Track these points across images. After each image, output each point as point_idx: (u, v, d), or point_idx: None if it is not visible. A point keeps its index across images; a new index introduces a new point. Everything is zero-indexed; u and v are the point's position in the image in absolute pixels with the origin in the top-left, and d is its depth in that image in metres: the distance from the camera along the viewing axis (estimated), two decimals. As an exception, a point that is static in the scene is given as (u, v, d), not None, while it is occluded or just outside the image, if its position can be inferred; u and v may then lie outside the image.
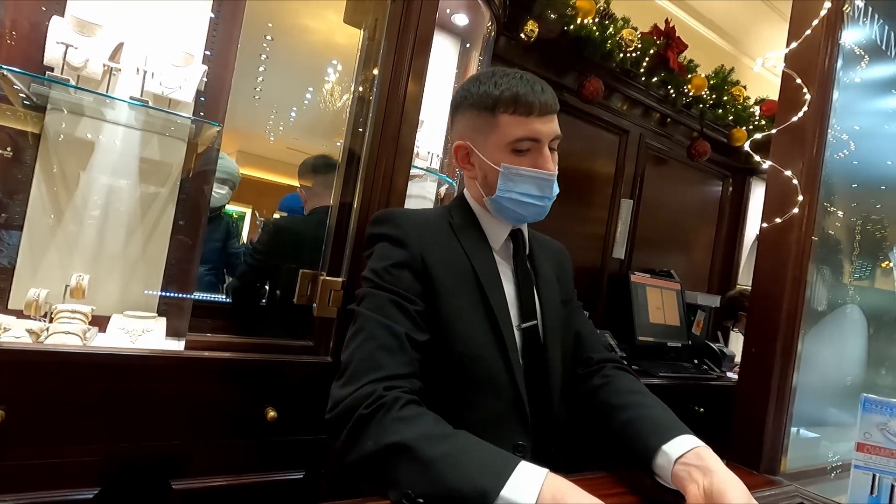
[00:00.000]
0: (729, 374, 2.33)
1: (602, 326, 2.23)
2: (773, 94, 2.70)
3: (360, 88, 1.66)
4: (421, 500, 0.55)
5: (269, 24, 1.71)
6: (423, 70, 1.37)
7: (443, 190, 1.83)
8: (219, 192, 1.51)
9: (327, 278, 1.25)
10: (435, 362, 0.74)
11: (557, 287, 0.92)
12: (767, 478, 0.87)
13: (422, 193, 1.80)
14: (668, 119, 2.53)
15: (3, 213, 1.22)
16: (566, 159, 2.29)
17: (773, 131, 0.93)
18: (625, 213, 2.46)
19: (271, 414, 1.14)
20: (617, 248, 2.44)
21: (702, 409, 2.13)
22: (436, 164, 1.73)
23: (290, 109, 1.84)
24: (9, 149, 1.22)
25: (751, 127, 2.63)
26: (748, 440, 0.90)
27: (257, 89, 1.73)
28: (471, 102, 0.83)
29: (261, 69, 1.70)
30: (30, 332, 1.08)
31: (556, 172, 0.83)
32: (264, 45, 1.70)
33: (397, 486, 0.57)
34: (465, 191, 0.91)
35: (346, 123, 1.66)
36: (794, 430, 0.95)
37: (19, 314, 1.16)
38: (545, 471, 0.56)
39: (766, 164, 0.93)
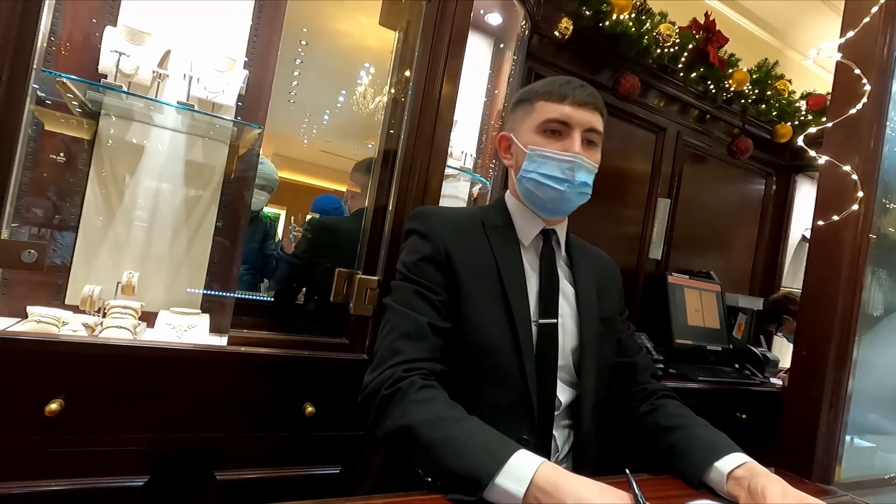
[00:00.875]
0: (773, 380, 2.24)
1: (638, 329, 2.18)
2: (820, 88, 2.59)
3: (394, 90, 1.67)
4: (429, 479, 0.60)
5: (305, 29, 1.74)
6: (457, 70, 1.38)
7: (476, 189, 1.83)
8: (258, 197, 1.55)
9: (363, 277, 1.27)
10: (453, 350, 0.77)
11: (596, 299, 0.90)
12: (821, 487, 0.83)
13: (455, 193, 1.80)
14: (708, 115, 2.45)
15: (58, 215, 1.29)
16: (601, 158, 2.26)
17: (829, 125, 0.89)
18: (661, 212, 2.40)
19: (309, 409, 1.17)
20: (653, 248, 2.38)
21: (744, 416, 2.05)
22: (469, 164, 1.73)
23: (324, 112, 1.87)
24: (62, 154, 1.28)
25: (797, 122, 2.52)
26: (799, 448, 0.86)
27: (292, 93, 1.77)
28: (518, 100, 0.89)
29: (295, 73, 1.75)
30: (85, 325, 1.14)
31: (588, 165, 0.83)
32: (299, 49, 1.74)
33: (410, 463, 0.63)
34: (507, 192, 0.94)
35: (381, 125, 1.68)
36: (848, 438, 0.90)
37: (76, 309, 1.22)
38: (542, 460, 0.57)
39: (822, 160, 0.89)
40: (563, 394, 0.83)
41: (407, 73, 1.52)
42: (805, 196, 2.88)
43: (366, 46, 1.85)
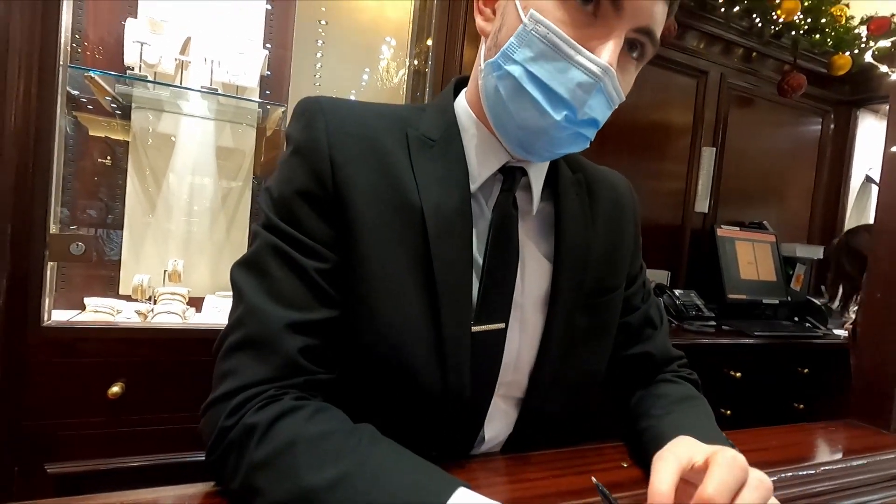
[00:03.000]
0: (837, 332, 2.10)
1: (687, 286, 2.09)
2: (883, 10, 2.33)
3: (416, 62, 1.63)
4: None
5: (323, 8, 1.72)
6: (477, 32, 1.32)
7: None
8: None
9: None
10: (347, 339, 0.49)
11: (584, 279, 0.57)
12: (900, 438, 0.77)
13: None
14: (754, 53, 2.26)
15: (108, 213, 1.35)
16: (635, 112, 2.15)
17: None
18: (707, 163, 2.26)
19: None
20: (699, 201, 2.25)
21: (806, 371, 1.95)
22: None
23: (350, 92, 1.85)
24: (108, 157, 1.33)
25: (857, 51, 2.29)
26: (874, 397, 0.79)
27: (317, 76, 1.76)
28: None
29: (318, 55, 1.73)
30: (138, 313, 1.19)
31: (613, 92, 0.48)
32: (319, 30, 1.72)
33: None
34: (464, 90, 0.58)
35: (404, 99, 1.65)
36: (929, 385, 0.83)
37: (128, 298, 1.28)
38: None
39: (894, 76, 0.79)
40: (498, 423, 0.57)
41: (428, 43, 1.47)
42: (868, 132, 2.64)
43: (385, 19, 1.80)
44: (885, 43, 1.07)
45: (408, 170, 0.50)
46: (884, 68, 0.88)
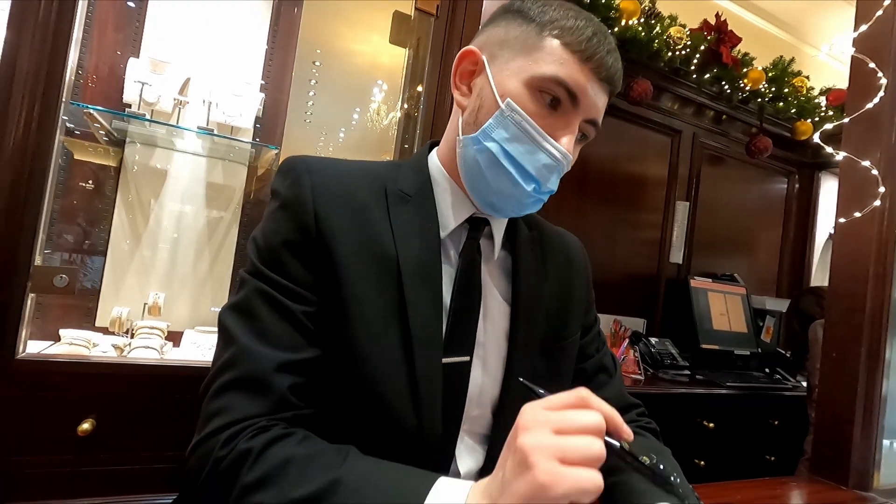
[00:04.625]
0: (805, 384, 2.16)
1: (661, 335, 2.14)
2: (840, 83, 2.53)
3: (406, 106, 1.70)
4: None
5: (318, 51, 1.79)
6: (467, 82, 1.40)
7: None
8: None
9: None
10: (329, 375, 0.53)
11: (543, 323, 0.63)
12: (859, 494, 0.80)
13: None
14: (724, 116, 2.42)
15: (88, 240, 1.35)
16: (614, 163, 2.26)
17: (846, 120, 0.87)
18: (681, 215, 2.37)
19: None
20: (674, 252, 2.34)
21: (776, 422, 1.99)
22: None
23: (339, 130, 1.91)
24: (91, 182, 1.34)
25: (817, 119, 2.46)
26: (833, 454, 0.83)
27: (308, 113, 1.81)
28: (517, 9, 0.58)
29: (311, 94, 1.79)
30: (115, 346, 1.17)
31: (566, 169, 0.58)
32: (313, 70, 1.79)
33: None
34: (436, 148, 0.65)
35: (394, 140, 1.71)
36: (886, 442, 0.87)
37: (105, 331, 1.26)
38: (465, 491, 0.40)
39: (840, 156, 0.87)
40: (468, 458, 0.59)
41: (419, 89, 1.55)
42: (830, 193, 2.81)
43: (378, 64, 1.89)
44: (829, 126, 1.18)
45: (385, 221, 0.56)
46: (829, 149, 0.96)
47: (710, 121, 2.42)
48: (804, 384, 2.12)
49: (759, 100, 2.34)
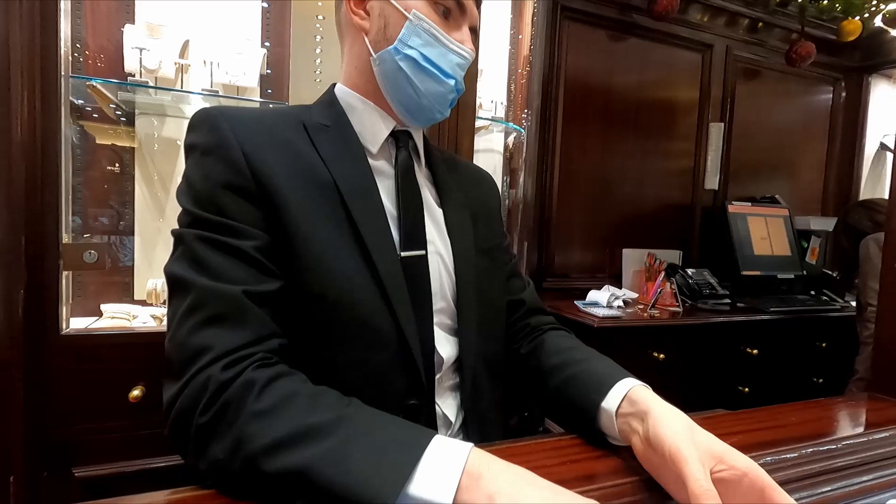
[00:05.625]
0: (854, 304, 2.07)
1: (699, 265, 2.07)
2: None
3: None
4: None
5: (319, 3, 1.70)
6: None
7: (511, 140, 1.75)
8: None
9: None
10: (292, 308, 0.54)
11: (471, 226, 0.70)
12: (922, 410, 0.76)
13: (489, 147, 1.74)
14: (760, 24, 2.21)
15: (120, 220, 1.37)
16: (639, 90, 2.12)
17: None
18: (715, 138, 2.22)
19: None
20: (709, 178, 2.22)
21: (824, 345, 1.93)
22: (501, 113, 1.66)
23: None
24: (116, 164, 1.35)
25: (866, 16, 2.22)
26: (894, 370, 0.78)
27: (317, 71, 1.75)
28: None
29: (317, 50, 1.72)
30: (153, 317, 1.21)
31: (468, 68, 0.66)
32: (317, 24, 1.70)
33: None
34: (337, 86, 0.69)
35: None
36: (951, 354, 0.81)
37: (143, 303, 1.30)
38: (465, 452, 0.40)
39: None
40: (445, 346, 0.64)
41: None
42: (881, 98, 2.58)
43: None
44: (895, 6, 1.03)
45: (312, 151, 0.59)
46: (895, 32, 0.85)
47: (745, 30, 2.22)
48: (853, 303, 2.03)
49: (800, 0, 2.12)
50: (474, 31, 0.67)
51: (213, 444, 0.44)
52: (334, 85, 0.69)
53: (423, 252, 0.62)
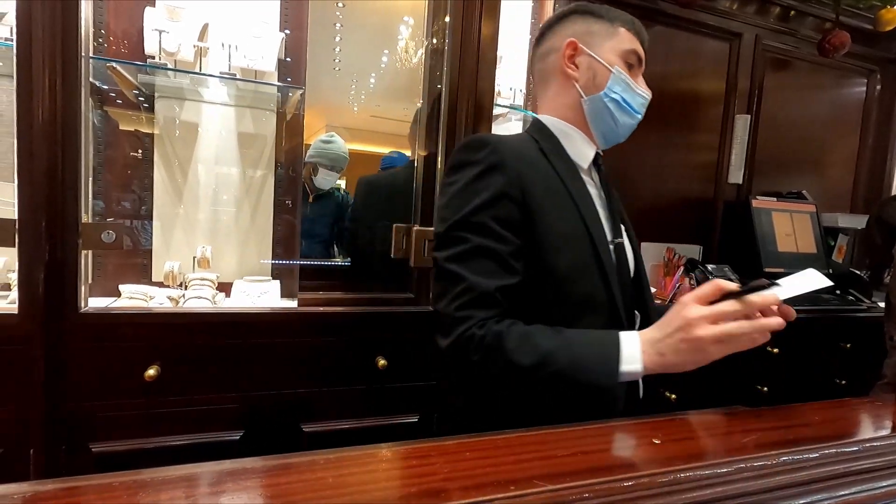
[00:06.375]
0: (882, 304, 2.00)
1: (720, 260, 2.02)
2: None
3: (434, 40, 1.59)
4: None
5: (340, -10, 1.69)
6: (495, 5, 1.29)
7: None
8: (327, 177, 1.54)
9: (419, 229, 1.25)
10: (533, 288, 0.74)
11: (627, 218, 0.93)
12: (953, 413, 0.72)
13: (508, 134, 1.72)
14: (792, 12, 2.13)
15: (141, 204, 1.38)
16: (663, 81, 2.06)
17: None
18: (740, 131, 2.16)
19: (382, 362, 1.19)
20: (733, 172, 2.16)
21: (848, 346, 1.87)
22: (520, 101, 1.63)
23: (370, 76, 1.83)
24: (139, 150, 1.36)
25: (906, 3, 2.13)
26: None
27: (336, 60, 1.74)
28: (586, 10, 0.85)
29: (337, 39, 1.71)
30: (170, 298, 1.22)
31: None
32: (337, 12, 1.69)
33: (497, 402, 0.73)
34: (542, 116, 0.88)
35: (423, 76, 1.62)
36: None
37: (160, 285, 1.32)
38: (636, 335, 0.67)
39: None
40: (635, 310, 0.85)
41: (446, 20, 1.44)
42: (919, 92, 2.46)
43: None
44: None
45: (550, 168, 0.79)
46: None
47: (776, 18, 2.13)
48: (880, 304, 1.96)
49: (836, -13, 2.03)
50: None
51: (490, 366, 0.67)
52: (539, 117, 0.89)
53: (621, 240, 0.83)
